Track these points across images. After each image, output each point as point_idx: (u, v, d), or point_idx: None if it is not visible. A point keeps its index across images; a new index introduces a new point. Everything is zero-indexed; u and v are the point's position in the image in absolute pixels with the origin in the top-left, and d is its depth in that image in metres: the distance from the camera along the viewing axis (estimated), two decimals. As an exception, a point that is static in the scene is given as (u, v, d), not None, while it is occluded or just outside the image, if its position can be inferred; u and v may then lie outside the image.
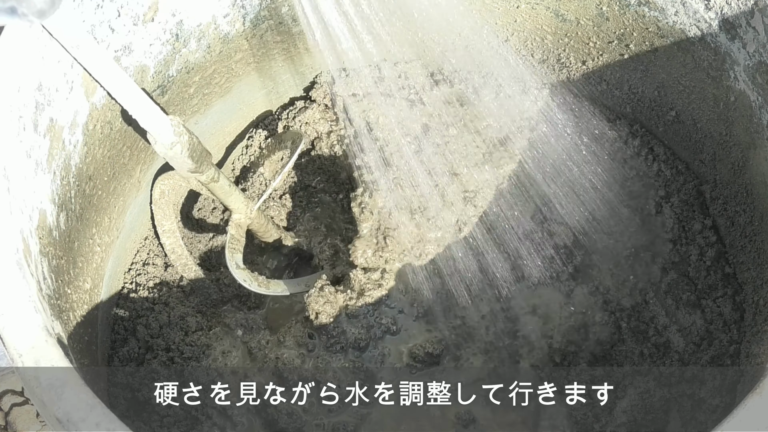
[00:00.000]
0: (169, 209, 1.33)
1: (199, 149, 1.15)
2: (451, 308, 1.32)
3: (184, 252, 1.34)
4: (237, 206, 1.29)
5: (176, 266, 1.34)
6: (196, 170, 1.17)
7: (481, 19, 1.39)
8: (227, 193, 1.27)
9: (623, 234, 1.34)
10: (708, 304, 1.28)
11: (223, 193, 1.26)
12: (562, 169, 1.33)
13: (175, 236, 1.34)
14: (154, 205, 1.32)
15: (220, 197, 1.27)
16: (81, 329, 1.11)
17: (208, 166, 1.19)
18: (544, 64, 1.42)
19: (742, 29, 1.12)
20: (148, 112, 1.06)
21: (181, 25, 1.16)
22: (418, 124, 1.40)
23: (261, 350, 1.25)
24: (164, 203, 1.32)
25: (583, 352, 1.27)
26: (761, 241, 1.22)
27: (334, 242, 1.36)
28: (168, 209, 1.33)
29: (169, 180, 1.31)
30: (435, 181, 1.33)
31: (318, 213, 1.42)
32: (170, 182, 1.31)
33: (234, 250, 1.30)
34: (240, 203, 1.29)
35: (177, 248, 1.34)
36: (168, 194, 1.32)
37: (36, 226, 0.96)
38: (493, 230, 1.33)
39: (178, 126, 1.11)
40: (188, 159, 1.14)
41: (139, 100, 1.04)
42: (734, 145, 1.24)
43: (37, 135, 0.97)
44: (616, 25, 1.29)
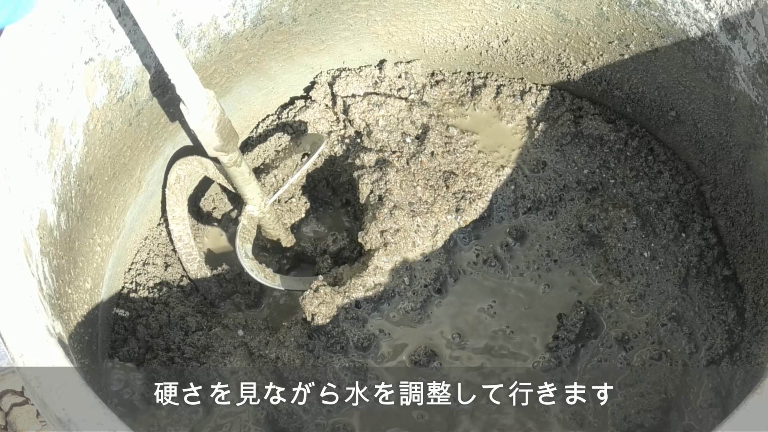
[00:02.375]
0: (182, 195, 1.33)
1: (228, 128, 1.15)
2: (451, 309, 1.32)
3: (191, 241, 1.33)
4: (253, 197, 1.28)
5: (180, 255, 1.33)
6: (221, 149, 1.16)
7: (481, 19, 1.39)
8: (246, 180, 1.25)
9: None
10: (708, 304, 1.28)
11: (242, 180, 1.24)
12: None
13: (184, 224, 1.33)
14: (168, 189, 1.31)
15: (238, 184, 1.25)
16: (81, 329, 1.11)
17: (233, 148, 1.18)
18: (544, 64, 1.42)
19: (743, 29, 1.13)
20: (189, 80, 1.07)
21: (182, 25, 1.16)
22: (418, 124, 1.41)
23: (261, 350, 1.25)
24: (178, 189, 1.32)
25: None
26: (761, 241, 1.22)
27: (338, 237, 1.37)
28: (181, 195, 1.33)
29: (186, 165, 1.30)
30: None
31: (321, 214, 1.42)
32: (187, 167, 1.31)
33: (245, 239, 1.30)
34: (256, 194, 1.28)
35: (184, 236, 1.33)
36: (183, 180, 1.31)
37: (37, 226, 0.96)
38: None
39: (213, 99, 1.12)
40: (217, 135, 1.13)
41: (182, 66, 1.05)
42: (734, 145, 1.24)
43: (37, 135, 0.97)
44: (617, 26, 1.29)
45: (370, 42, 1.44)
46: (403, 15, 1.39)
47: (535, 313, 1.32)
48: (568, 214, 1.37)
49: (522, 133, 1.42)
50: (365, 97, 1.43)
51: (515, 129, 1.42)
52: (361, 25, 1.39)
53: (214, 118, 1.12)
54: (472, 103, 1.45)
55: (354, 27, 1.39)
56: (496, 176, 1.36)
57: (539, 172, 1.38)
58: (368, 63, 1.47)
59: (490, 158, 1.38)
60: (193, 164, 1.31)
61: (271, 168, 1.39)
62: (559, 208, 1.38)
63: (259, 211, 1.30)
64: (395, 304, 1.29)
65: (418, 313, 1.30)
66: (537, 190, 1.37)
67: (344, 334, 1.25)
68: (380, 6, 1.36)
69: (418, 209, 1.31)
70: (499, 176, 1.36)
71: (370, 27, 1.40)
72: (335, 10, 1.34)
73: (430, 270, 1.30)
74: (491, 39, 1.42)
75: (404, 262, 1.28)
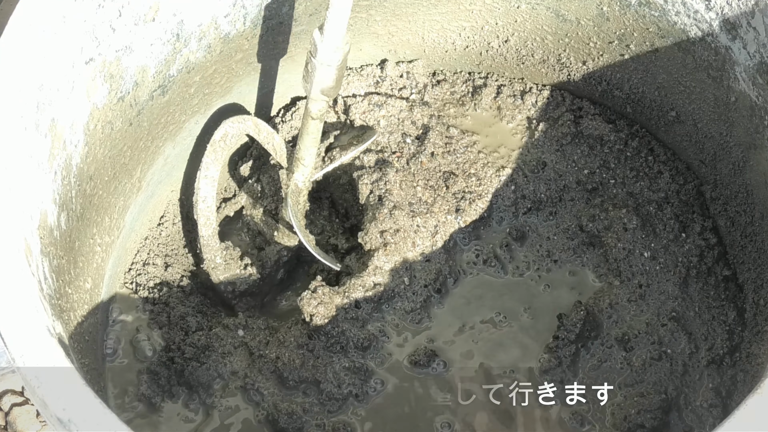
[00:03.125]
0: (222, 155, 1.27)
1: (342, 73, 1.14)
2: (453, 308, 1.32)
3: (213, 206, 1.29)
4: (308, 163, 1.22)
5: (198, 216, 1.29)
6: (328, 92, 1.14)
7: (482, 19, 1.39)
8: (314, 142, 1.20)
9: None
10: (708, 304, 1.28)
11: (313, 140, 1.20)
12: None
13: (213, 186, 1.28)
14: (210, 145, 1.26)
15: (305, 144, 1.19)
16: (82, 329, 1.11)
17: (334, 96, 1.17)
18: (544, 64, 1.42)
19: (743, 29, 1.13)
20: (342, 13, 1.08)
21: (182, 25, 1.16)
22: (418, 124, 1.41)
23: (261, 350, 1.25)
24: (221, 147, 1.26)
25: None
26: (761, 241, 1.22)
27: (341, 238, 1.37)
28: (222, 154, 1.27)
29: (238, 124, 1.25)
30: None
31: (324, 215, 1.41)
32: (239, 126, 1.25)
33: (294, 202, 1.26)
34: (312, 161, 1.23)
35: (209, 199, 1.28)
36: (230, 139, 1.26)
37: (37, 226, 0.96)
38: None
39: (348, 37, 1.11)
40: (336, 73, 1.12)
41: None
42: (735, 145, 1.24)
43: (38, 135, 0.97)
44: (617, 26, 1.29)
45: (370, 42, 1.44)
46: (404, 15, 1.39)
47: (535, 313, 1.32)
48: (568, 215, 1.37)
49: (522, 133, 1.42)
50: (366, 97, 1.43)
51: (515, 129, 1.42)
52: (361, 25, 1.39)
53: (342, 54, 1.11)
54: (472, 103, 1.45)
55: (354, 27, 1.39)
56: (496, 176, 1.36)
57: (539, 172, 1.38)
58: (368, 63, 1.47)
59: (490, 158, 1.38)
60: (246, 124, 1.25)
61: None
62: (559, 209, 1.38)
63: (303, 183, 1.27)
64: (395, 304, 1.29)
65: (417, 314, 1.30)
66: (537, 191, 1.37)
67: (344, 335, 1.25)
68: (380, 6, 1.36)
69: (418, 209, 1.31)
70: (499, 176, 1.36)
71: (370, 27, 1.40)
72: (335, 10, 1.34)
73: (430, 270, 1.30)
74: (491, 39, 1.42)
75: (404, 262, 1.28)
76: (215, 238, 1.32)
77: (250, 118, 1.27)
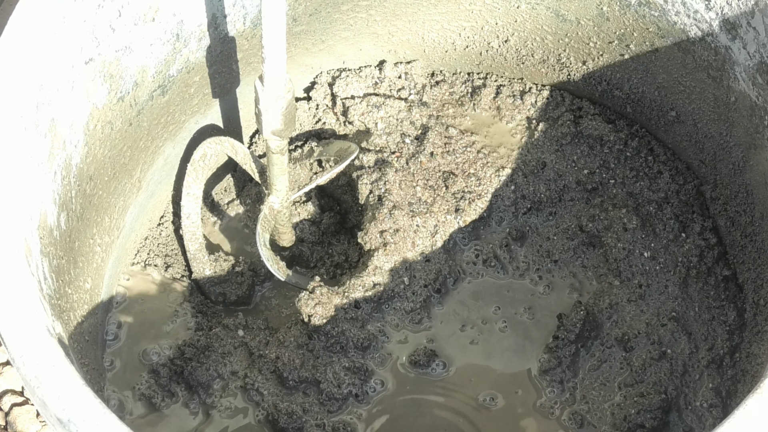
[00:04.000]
0: (203, 173, 1.32)
1: (292, 114, 1.15)
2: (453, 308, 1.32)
3: (198, 221, 1.33)
4: (281, 188, 1.26)
5: (184, 233, 1.33)
6: (279, 133, 1.15)
7: (482, 19, 1.39)
8: (282, 171, 1.24)
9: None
10: (708, 304, 1.28)
11: (279, 169, 1.23)
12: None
13: (197, 203, 1.33)
14: (190, 165, 1.31)
15: (274, 173, 1.23)
16: (81, 329, 1.11)
17: (288, 135, 1.18)
18: (544, 64, 1.42)
19: (743, 29, 1.13)
20: (278, 59, 1.08)
21: (182, 25, 1.16)
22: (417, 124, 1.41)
23: (261, 350, 1.25)
24: (201, 166, 1.31)
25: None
26: (761, 241, 1.22)
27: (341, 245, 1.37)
28: (202, 173, 1.32)
29: (216, 144, 1.30)
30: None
31: (327, 216, 1.41)
32: (217, 147, 1.30)
33: (265, 229, 1.30)
34: (284, 187, 1.26)
35: (193, 215, 1.33)
36: (209, 158, 1.31)
37: (37, 226, 0.96)
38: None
39: (289, 83, 1.12)
40: (281, 118, 1.14)
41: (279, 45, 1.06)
42: (734, 145, 1.24)
43: (38, 135, 0.97)
44: (617, 26, 1.29)
45: (370, 42, 1.44)
46: (403, 15, 1.39)
47: (534, 313, 1.32)
48: (568, 215, 1.37)
49: (522, 133, 1.42)
50: (364, 99, 1.42)
51: (515, 129, 1.42)
52: (361, 25, 1.39)
53: (285, 101, 1.12)
54: (471, 103, 1.45)
55: (354, 27, 1.39)
56: (495, 176, 1.36)
57: (539, 172, 1.38)
58: (368, 63, 1.47)
59: (489, 158, 1.38)
60: (224, 144, 1.29)
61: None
62: (559, 209, 1.38)
63: (279, 204, 1.29)
64: (395, 304, 1.29)
65: (417, 314, 1.30)
66: (537, 191, 1.37)
67: (344, 335, 1.25)
68: (380, 6, 1.36)
69: (418, 209, 1.31)
70: (498, 176, 1.36)
71: (370, 27, 1.40)
72: (335, 10, 1.34)
73: (430, 270, 1.30)
74: (491, 39, 1.42)
75: (404, 262, 1.28)
76: (203, 251, 1.34)
77: (227, 139, 1.31)
